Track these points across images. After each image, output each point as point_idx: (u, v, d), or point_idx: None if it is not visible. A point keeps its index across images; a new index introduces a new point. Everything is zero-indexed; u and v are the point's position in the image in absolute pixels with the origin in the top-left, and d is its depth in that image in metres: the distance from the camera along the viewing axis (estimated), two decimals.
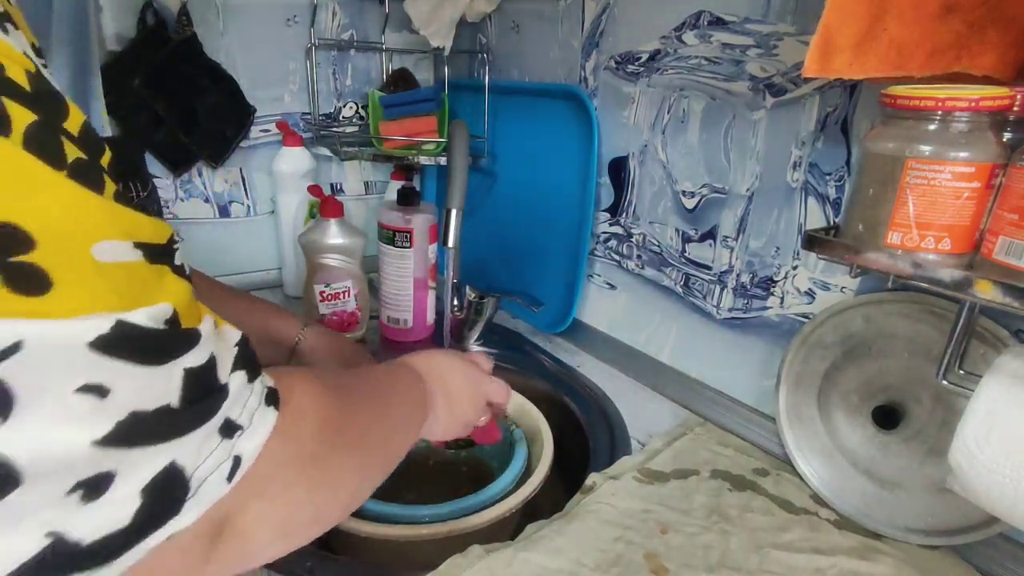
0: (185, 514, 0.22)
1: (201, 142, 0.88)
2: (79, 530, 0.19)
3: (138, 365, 0.19)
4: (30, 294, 0.17)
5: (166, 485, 0.21)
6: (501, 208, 0.96)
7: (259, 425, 0.25)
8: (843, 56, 0.39)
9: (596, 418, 0.71)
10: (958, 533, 0.50)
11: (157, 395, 0.20)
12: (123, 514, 0.20)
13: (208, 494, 0.23)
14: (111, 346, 0.19)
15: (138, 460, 0.20)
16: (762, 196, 0.62)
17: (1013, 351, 0.40)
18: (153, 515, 0.21)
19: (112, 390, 0.19)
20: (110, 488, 0.19)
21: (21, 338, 0.17)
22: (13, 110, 0.17)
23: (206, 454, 0.22)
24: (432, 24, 0.87)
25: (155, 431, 0.20)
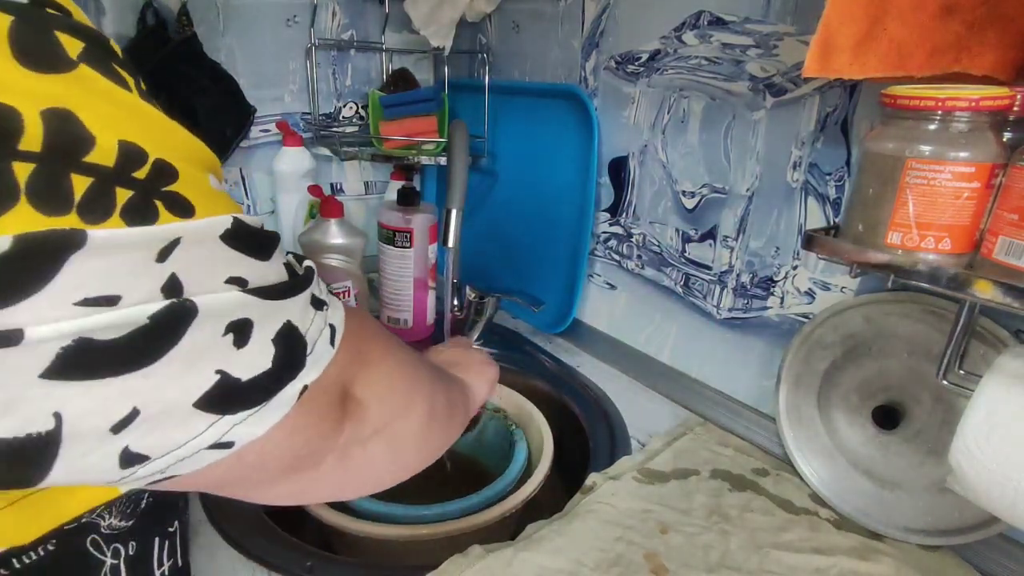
0: (310, 368, 0.26)
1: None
2: (238, 369, 0.22)
3: (256, 259, 0.24)
4: (184, 216, 0.21)
5: (289, 339, 0.25)
6: (501, 208, 0.96)
7: (334, 306, 0.29)
8: (843, 56, 0.39)
9: (596, 418, 0.71)
10: (958, 533, 0.50)
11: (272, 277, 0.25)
12: (265, 359, 0.23)
13: (321, 353, 0.27)
14: (234, 239, 0.22)
15: (267, 312, 0.24)
16: (762, 196, 0.62)
17: (1013, 351, 0.40)
18: (287, 363, 0.24)
19: (248, 281, 0.23)
20: (251, 336, 0.23)
21: (179, 235, 0.20)
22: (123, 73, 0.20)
23: (309, 319, 0.26)
24: (432, 24, 0.87)
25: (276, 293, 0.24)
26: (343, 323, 0.29)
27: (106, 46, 0.20)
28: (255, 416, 0.24)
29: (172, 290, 0.20)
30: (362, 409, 0.30)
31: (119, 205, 0.19)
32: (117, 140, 0.19)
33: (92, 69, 0.19)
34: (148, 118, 0.21)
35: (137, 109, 0.20)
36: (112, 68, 0.20)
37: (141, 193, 0.20)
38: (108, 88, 0.19)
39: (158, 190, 0.20)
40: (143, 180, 0.20)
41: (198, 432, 0.22)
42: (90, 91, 0.19)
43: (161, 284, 0.20)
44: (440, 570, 0.47)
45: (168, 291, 0.20)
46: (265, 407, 0.24)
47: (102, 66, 0.19)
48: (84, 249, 0.18)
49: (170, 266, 0.20)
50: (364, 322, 0.33)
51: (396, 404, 0.34)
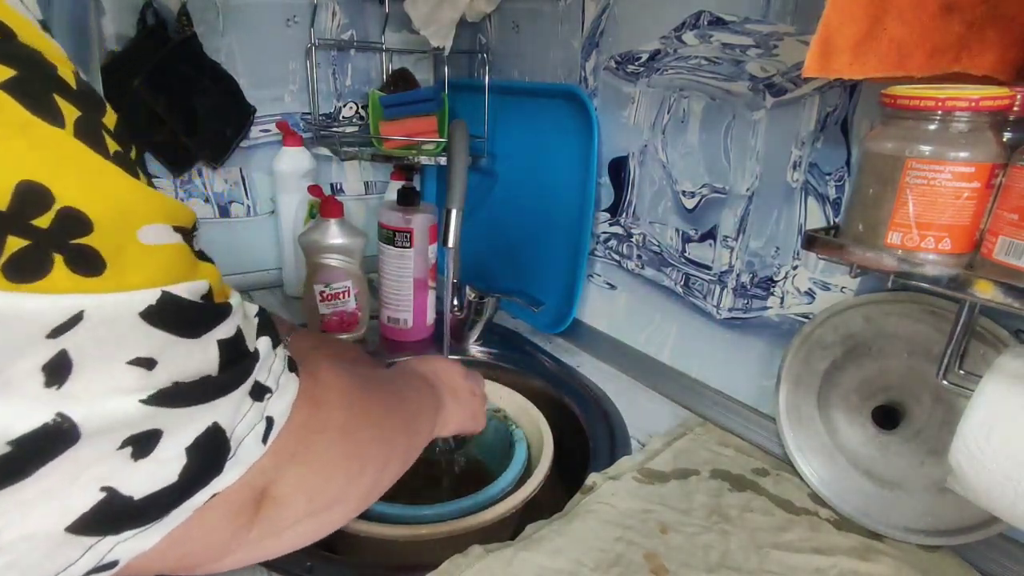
0: (227, 473, 0.23)
1: (201, 142, 0.88)
2: (131, 486, 0.20)
3: (180, 337, 0.21)
4: (88, 275, 0.18)
5: (209, 444, 0.22)
6: (501, 208, 0.96)
7: (285, 387, 0.27)
8: (843, 56, 0.39)
9: (596, 418, 0.71)
10: (958, 533, 0.50)
11: (197, 365, 0.22)
12: (170, 471, 0.21)
13: (246, 454, 0.24)
14: (158, 317, 0.20)
15: (183, 419, 0.21)
16: (762, 196, 0.62)
17: (1013, 351, 0.40)
18: (198, 473, 0.22)
19: (159, 362, 0.20)
20: (158, 446, 0.20)
21: (82, 308, 0.18)
22: (64, 106, 0.18)
23: (241, 415, 0.24)
24: (432, 24, 0.87)
25: (197, 394, 0.22)
26: (288, 411, 0.27)
27: (47, 75, 0.18)
28: (145, 532, 0.21)
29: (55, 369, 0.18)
30: (280, 507, 0.27)
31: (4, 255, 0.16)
32: (16, 181, 0.17)
33: (11, 97, 0.17)
34: (71, 158, 0.18)
35: (59, 147, 0.18)
36: (45, 99, 0.18)
37: (37, 244, 0.17)
38: (24, 121, 0.17)
39: (63, 242, 0.17)
40: (44, 229, 0.17)
41: (72, 560, 0.19)
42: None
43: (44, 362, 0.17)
44: (440, 570, 0.47)
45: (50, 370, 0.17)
46: (159, 522, 0.21)
47: (28, 96, 0.17)
48: None
49: (63, 342, 0.18)
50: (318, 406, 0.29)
51: (328, 500, 0.30)
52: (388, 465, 0.36)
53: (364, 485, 0.33)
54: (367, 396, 0.34)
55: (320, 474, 0.29)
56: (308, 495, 0.28)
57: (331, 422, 0.30)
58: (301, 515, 0.29)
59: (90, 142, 0.19)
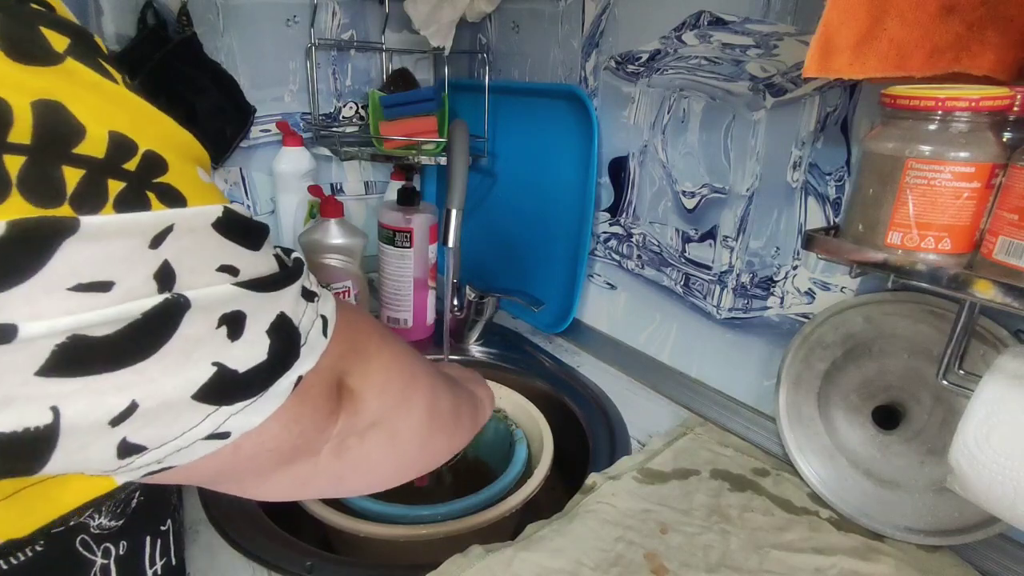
0: (304, 358, 0.26)
1: (201, 142, 0.87)
2: (234, 361, 0.23)
3: (247, 249, 0.24)
4: (174, 206, 0.21)
5: (283, 330, 0.25)
6: (501, 208, 0.96)
7: (326, 297, 0.29)
8: (843, 56, 0.39)
9: (596, 418, 0.71)
10: (958, 533, 0.50)
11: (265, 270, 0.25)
12: (260, 351, 0.24)
13: (315, 343, 0.27)
14: (225, 227, 0.23)
15: (260, 304, 0.24)
16: (762, 196, 0.62)
17: (1013, 351, 0.40)
18: (282, 354, 0.25)
19: (239, 270, 0.23)
20: (245, 328, 0.23)
21: (172, 222, 0.20)
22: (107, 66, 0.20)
23: (302, 311, 0.26)
24: (432, 24, 0.87)
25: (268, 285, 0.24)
26: (335, 314, 0.30)
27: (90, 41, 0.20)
28: (251, 407, 0.24)
29: (164, 277, 0.20)
30: (357, 400, 0.31)
31: (111, 196, 0.19)
32: (107, 131, 0.19)
33: (79, 62, 0.19)
34: (137, 109, 0.21)
35: (126, 101, 0.20)
36: (98, 62, 0.20)
37: (132, 184, 0.20)
38: (96, 80, 0.19)
39: (149, 181, 0.20)
40: (134, 171, 0.20)
41: (194, 423, 0.22)
42: (78, 83, 0.19)
43: (154, 271, 0.20)
44: (440, 570, 0.47)
45: (160, 277, 0.20)
46: (261, 398, 0.24)
47: (88, 60, 0.19)
48: (77, 235, 0.18)
49: (163, 252, 0.20)
50: (359, 315, 0.33)
51: (394, 397, 0.34)
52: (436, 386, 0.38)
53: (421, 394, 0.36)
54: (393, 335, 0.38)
55: (381, 370, 0.32)
56: (377, 389, 0.32)
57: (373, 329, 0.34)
58: (376, 412, 0.32)
59: (140, 94, 0.21)
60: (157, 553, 0.39)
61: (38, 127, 0.17)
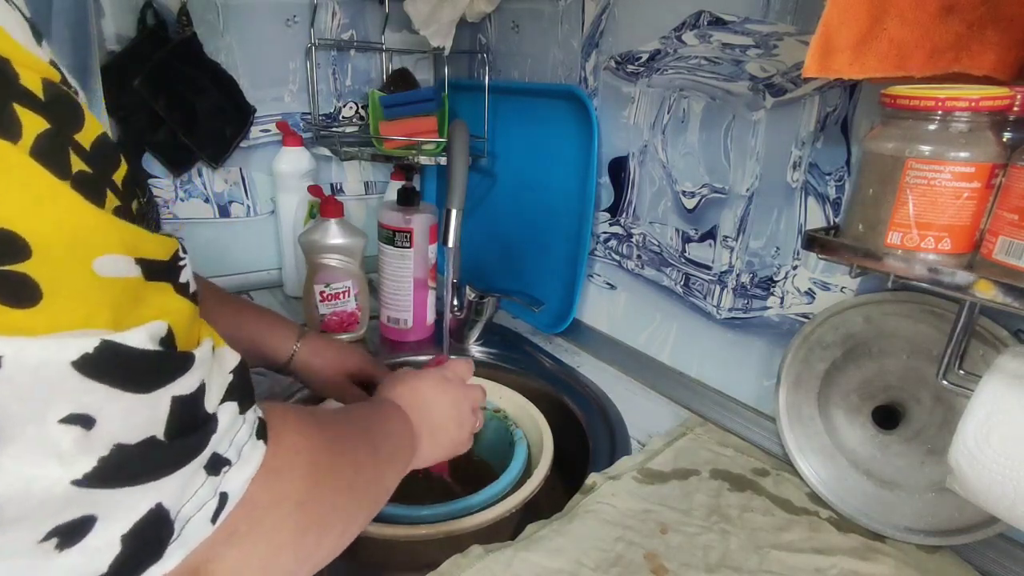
0: (168, 559, 0.21)
1: (201, 142, 0.88)
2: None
3: (124, 391, 0.18)
4: (18, 306, 0.16)
5: (150, 529, 0.19)
6: (501, 208, 0.96)
7: (248, 459, 0.24)
8: (843, 56, 0.39)
9: (596, 418, 0.71)
10: (958, 533, 0.50)
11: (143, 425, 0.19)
12: (100, 563, 0.18)
13: (193, 535, 0.21)
14: (97, 367, 0.17)
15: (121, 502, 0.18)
16: (762, 196, 0.62)
17: (1013, 351, 0.40)
18: (133, 562, 0.19)
19: (98, 420, 0.17)
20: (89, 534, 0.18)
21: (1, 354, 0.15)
22: (25, 117, 0.17)
23: (191, 492, 0.21)
24: (432, 24, 0.87)
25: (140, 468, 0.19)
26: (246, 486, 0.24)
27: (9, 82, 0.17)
28: None
29: None
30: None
31: None
32: None
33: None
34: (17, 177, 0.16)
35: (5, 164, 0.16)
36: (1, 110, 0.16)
37: None
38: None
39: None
40: None
41: None
42: None
43: None
44: (440, 570, 0.47)
45: None
46: None
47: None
48: None
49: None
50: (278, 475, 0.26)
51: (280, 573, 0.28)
52: (348, 530, 0.33)
53: (319, 556, 0.30)
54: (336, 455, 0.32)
55: (266, 554, 0.26)
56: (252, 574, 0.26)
57: (290, 494, 0.27)
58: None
59: (47, 161, 0.17)
60: None
61: None
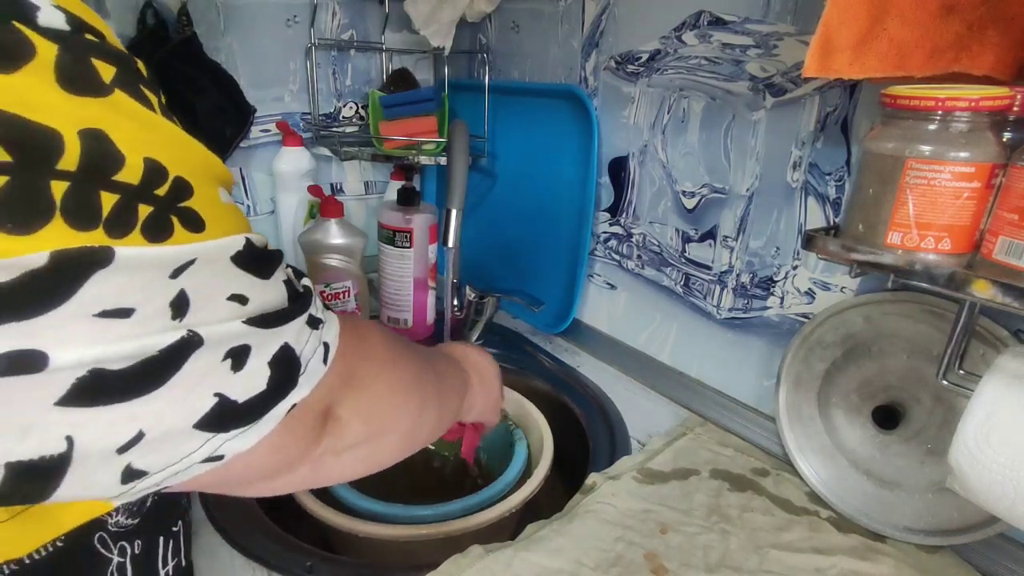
0: (301, 386, 0.27)
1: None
2: (235, 392, 0.24)
3: (258, 278, 0.25)
4: (197, 231, 0.22)
5: (284, 360, 0.26)
6: (501, 208, 0.96)
7: (331, 321, 0.30)
8: (843, 56, 0.39)
9: (596, 418, 0.71)
10: (958, 533, 0.50)
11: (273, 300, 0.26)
12: (260, 381, 0.25)
13: (313, 371, 0.28)
14: (242, 260, 0.24)
15: (264, 339, 0.25)
16: (762, 196, 0.62)
17: (1013, 351, 0.40)
18: (280, 383, 0.26)
19: (249, 298, 0.24)
20: (248, 360, 0.24)
21: (195, 256, 0.22)
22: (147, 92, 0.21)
23: (304, 340, 0.27)
24: (432, 24, 0.87)
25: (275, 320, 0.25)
26: (337, 340, 0.30)
27: (134, 68, 0.21)
28: (246, 432, 0.25)
29: (179, 305, 0.21)
30: (342, 427, 0.31)
31: (140, 220, 0.20)
32: (143, 158, 0.20)
33: (124, 92, 0.20)
34: (169, 136, 0.22)
35: (159, 127, 0.21)
36: (139, 89, 0.21)
37: (160, 209, 0.21)
38: (136, 110, 0.20)
39: (175, 206, 0.21)
40: (163, 197, 0.21)
41: (193, 449, 0.23)
42: (122, 113, 0.20)
43: (170, 299, 0.21)
44: (440, 570, 0.47)
45: (175, 305, 0.21)
46: (256, 424, 0.25)
47: (131, 88, 0.21)
48: (110, 267, 0.19)
49: (181, 282, 0.21)
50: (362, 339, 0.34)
51: (379, 426, 0.35)
52: (424, 410, 0.39)
53: (408, 420, 0.37)
54: (403, 346, 0.39)
55: (371, 399, 0.33)
56: (363, 417, 0.32)
57: (375, 354, 0.34)
58: (358, 437, 0.33)
59: (172, 119, 0.22)
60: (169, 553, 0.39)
61: (84, 155, 0.18)
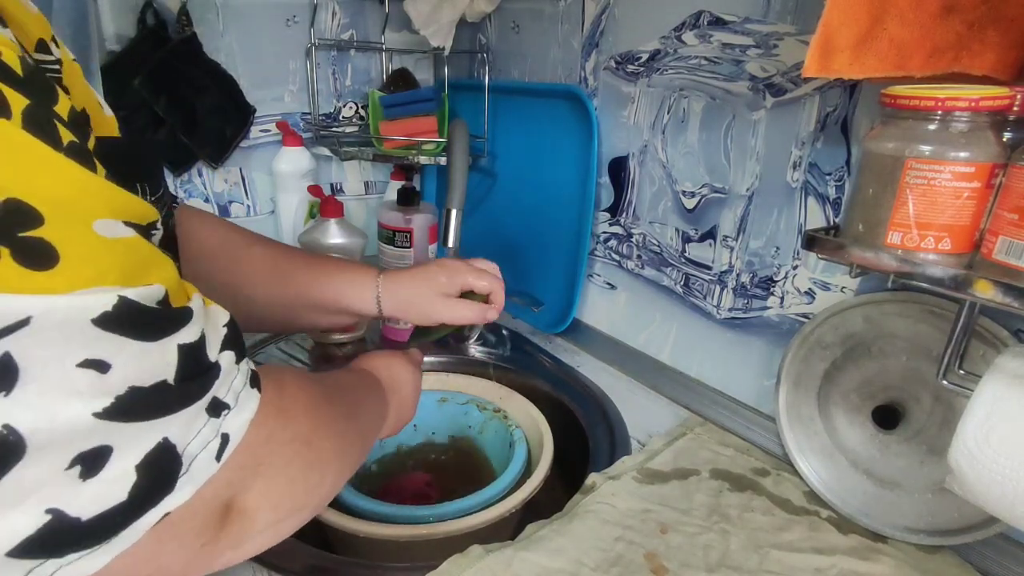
0: (180, 490, 0.22)
1: (201, 142, 0.88)
2: (78, 506, 0.19)
3: (137, 340, 0.20)
4: (39, 268, 0.17)
5: (160, 461, 0.21)
6: (501, 208, 0.96)
7: (244, 404, 0.26)
8: (843, 56, 0.39)
9: (596, 418, 0.71)
10: (958, 533, 0.50)
11: (154, 370, 0.21)
12: (120, 489, 0.20)
13: (200, 470, 0.23)
14: (113, 322, 0.19)
15: (134, 435, 0.20)
16: (762, 196, 0.62)
17: (1013, 351, 0.40)
18: (149, 491, 0.21)
19: (113, 365, 0.19)
20: (108, 463, 0.19)
21: (30, 314, 0.17)
22: (10, 95, 0.18)
23: (195, 431, 0.23)
24: (432, 24, 0.87)
25: (151, 407, 0.21)
26: (246, 427, 0.26)
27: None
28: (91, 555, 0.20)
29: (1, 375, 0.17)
30: (247, 519, 0.27)
31: None
32: None
33: None
34: (18, 150, 0.18)
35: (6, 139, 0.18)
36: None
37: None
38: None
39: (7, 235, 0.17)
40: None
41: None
42: None
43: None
44: (440, 570, 0.47)
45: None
46: (106, 544, 0.20)
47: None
48: None
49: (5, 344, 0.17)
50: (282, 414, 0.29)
51: (291, 509, 0.31)
52: (343, 473, 0.36)
53: (322, 493, 0.34)
54: (331, 407, 0.35)
55: (284, 484, 0.29)
56: (273, 505, 0.28)
57: (297, 433, 0.30)
58: (265, 525, 0.29)
59: (39, 133, 0.18)
60: None
61: None
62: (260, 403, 0.27)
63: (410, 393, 0.53)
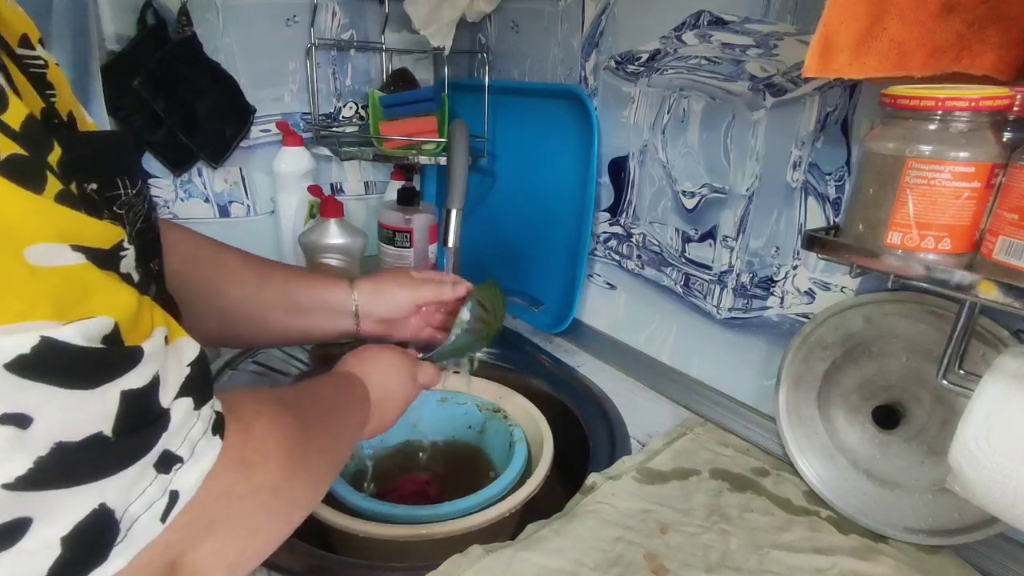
0: (112, 560, 0.19)
1: (201, 142, 0.88)
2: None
3: (66, 389, 0.17)
4: None
5: (92, 530, 0.18)
6: (501, 208, 0.96)
7: (201, 456, 0.23)
8: (843, 56, 0.39)
9: (596, 418, 0.71)
10: (958, 533, 0.50)
11: (87, 422, 0.18)
12: (38, 566, 0.17)
13: (140, 535, 0.20)
14: (32, 367, 0.16)
15: (61, 503, 0.17)
16: (762, 196, 0.62)
17: (1013, 351, 0.40)
18: (75, 565, 0.18)
19: (35, 419, 0.16)
20: (24, 537, 0.17)
21: None
22: None
23: (139, 491, 0.20)
24: (432, 24, 0.87)
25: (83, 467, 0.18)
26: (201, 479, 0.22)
27: None
28: None
29: None
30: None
31: None
32: None
33: None
34: None
35: None
36: None
37: None
38: None
39: None
40: None
41: None
42: None
43: None
44: (440, 570, 0.47)
45: None
46: None
47: None
48: None
49: None
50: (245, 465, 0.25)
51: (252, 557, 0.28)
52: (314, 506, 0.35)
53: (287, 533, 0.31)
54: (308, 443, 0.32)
55: (244, 538, 0.26)
56: (227, 562, 0.25)
57: (264, 483, 0.27)
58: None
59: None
60: None
61: None
62: (220, 453, 0.24)
63: (396, 389, 0.50)
